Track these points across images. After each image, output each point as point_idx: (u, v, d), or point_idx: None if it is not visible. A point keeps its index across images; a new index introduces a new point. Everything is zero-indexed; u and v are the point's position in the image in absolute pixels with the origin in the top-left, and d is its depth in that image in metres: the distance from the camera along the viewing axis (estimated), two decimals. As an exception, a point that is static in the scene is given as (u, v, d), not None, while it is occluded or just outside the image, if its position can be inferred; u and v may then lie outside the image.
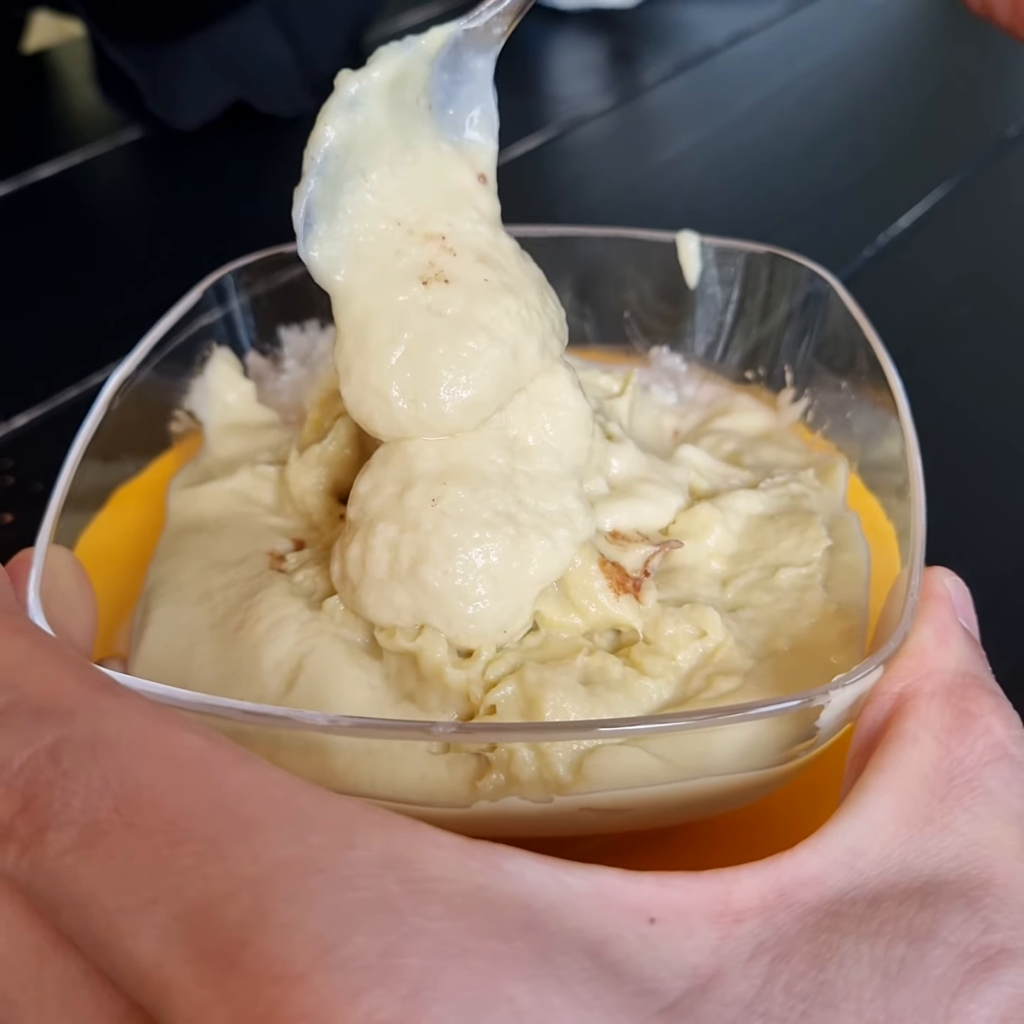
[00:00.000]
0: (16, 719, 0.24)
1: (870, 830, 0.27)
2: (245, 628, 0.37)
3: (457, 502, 0.35)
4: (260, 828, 0.22)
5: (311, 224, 0.37)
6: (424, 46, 0.37)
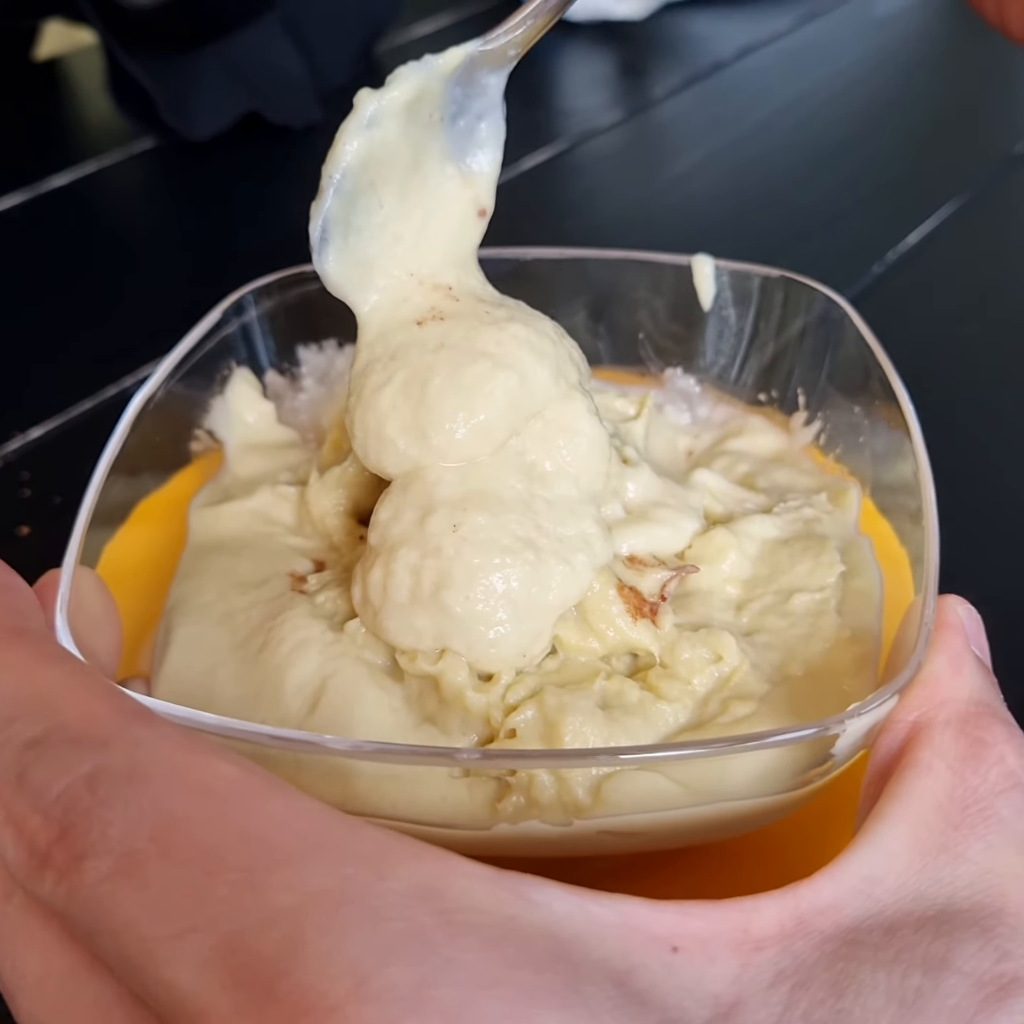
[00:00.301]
0: (53, 748, 0.25)
1: (886, 859, 0.27)
2: (267, 650, 0.38)
3: (478, 528, 0.36)
4: (295, 858, 0.23)
5: (327, 239, 0.38)
6: (442, 65, 0.38)
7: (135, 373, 0.68)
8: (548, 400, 0.38)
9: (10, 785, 0.24)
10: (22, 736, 0.25)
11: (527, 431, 0.38)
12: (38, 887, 0.24)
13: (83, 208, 0.87)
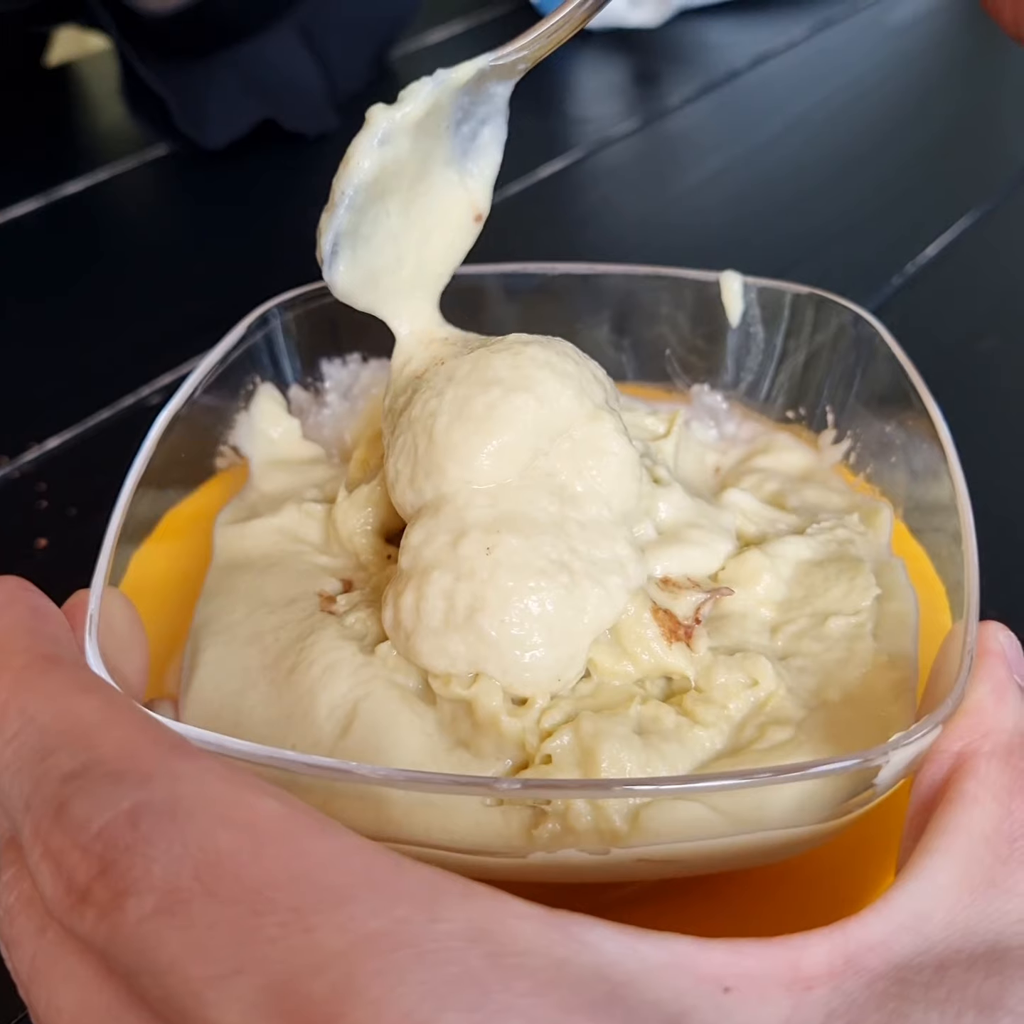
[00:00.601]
0: (93, 782, 0.24)
1: (934, 894, 0.27)
2: (298, 672, 0.37)
3: (512, 551, 0.35)
4: (345, 899, 0.22)
5: (336, 251, 0.39)
6: (454, 79, 0.39)
7: (152, 383, 0.67)
8: (574, 420, 0.38)
9: (48, 818, 0.24)
10: (61, 769, 0.25)
11: (556, 452, 0.38)
12: (77, 923, 0.23)
13: (97, 216, 0.87)
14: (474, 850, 0.33)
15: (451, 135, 0.40)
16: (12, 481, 0.60)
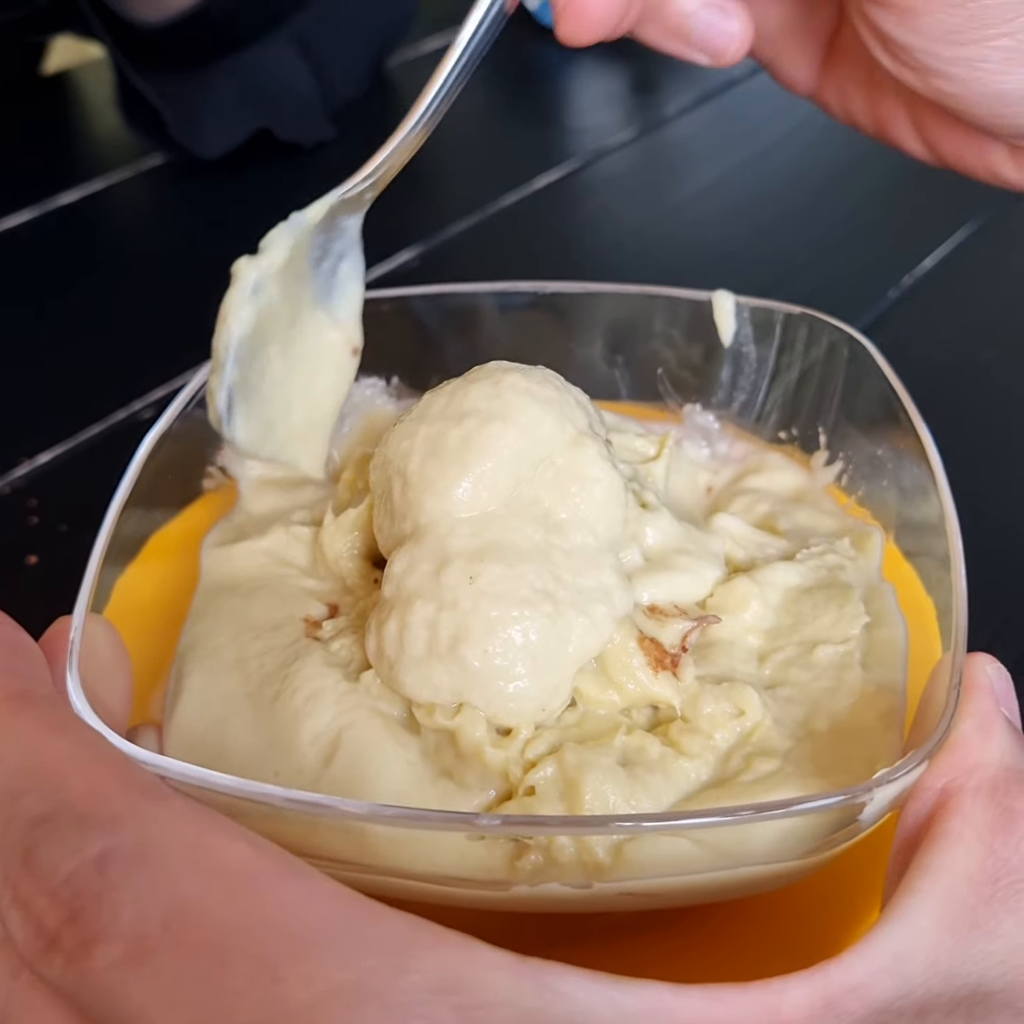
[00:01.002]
0: (61, 826, 0.24)
1: (916, 936, 0.27)
2: (282, 699, 0.37)
3: (495, 579, 0.35)
4: (312, 948, 0.22)
5: (232, 407, 0.40)
6: (309, 219, 0.40)
7: (144, 397, 0.67)
8: (556, 447, 0.38)
9: (17, 863, 0.24)
10: (29, 812, 0.24)
11: (539, 479, 0.38)
12: (46, 969, 0.23)
13: (91, 226, 0.86)
14: (457, 881, 0.33)
15: (313, 275, 0.41)
16: (2, 497, 0.60)
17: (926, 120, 0.48)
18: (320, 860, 0.32)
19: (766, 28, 0.49)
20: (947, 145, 0.48)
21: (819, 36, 0.50)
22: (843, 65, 0.50)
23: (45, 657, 0.33)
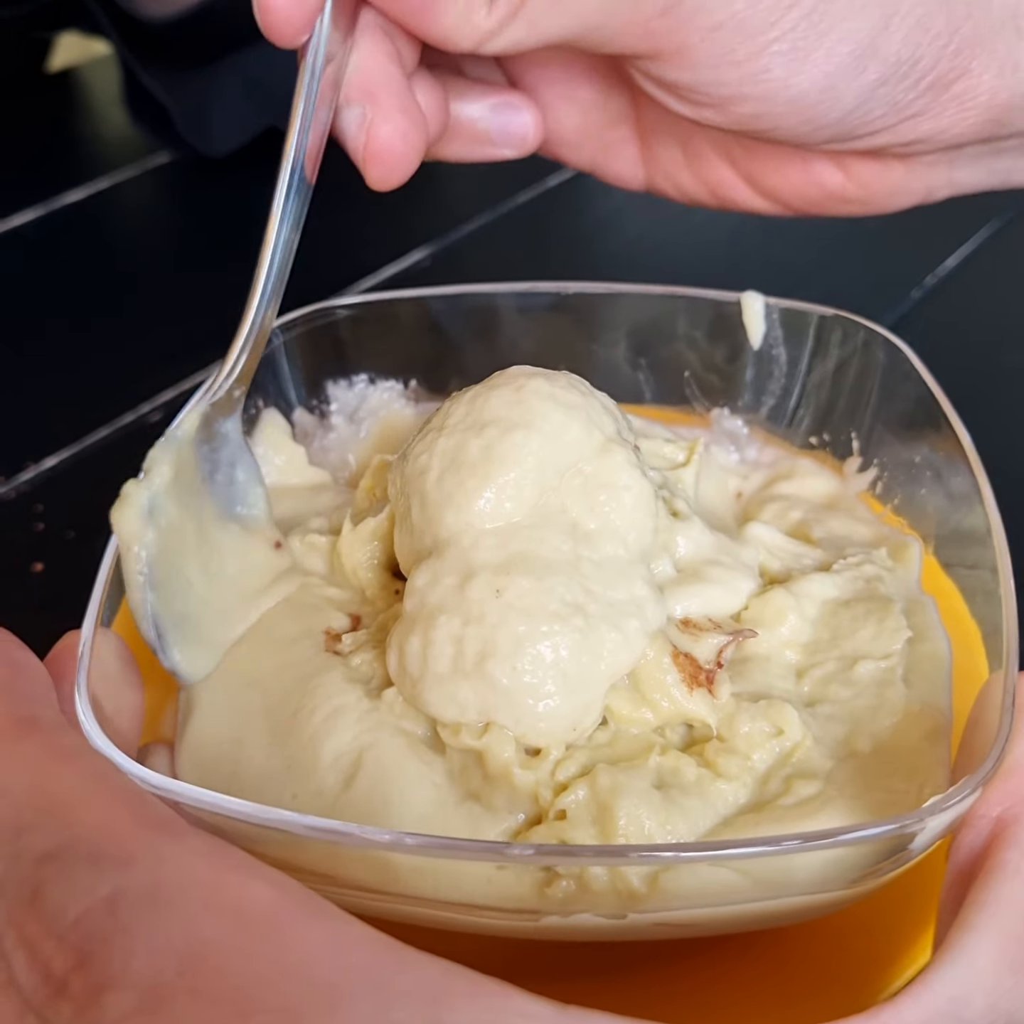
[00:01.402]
0: (70, 865, 0.23)
1: (974, 977, 0.25)
2: (300, 717, 0.35)
3: (523, 593, 0.34)
4: (339, 1000, 0.21)
5: (163, 635, 0.37)
6: (186, 432, 0.38)
7: (152, 399, 0.66)
8: (583, 454, 0.37)
9: (23, 903, 0.22)
10: (36, 849, 0.23)
11: (566, 488, 0.36)
12: (53, 1016, 0.22)
13: (97, 225, 0.85)
14: (485, 906, 0.32)
15: (210, 489, 0.39)
16: (8, 502, 0.59)
17: (751, 166, 0.48)
18: (340, 887, 0.31)
19: (571, 130, 0.50)
20: (780, 182, 0.48)
21: (624, 123, 0.50)
22: (657, 145, 0.50)
23: (53, 674, 0.31)
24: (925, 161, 0.46)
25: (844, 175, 0.47)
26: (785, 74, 0.40)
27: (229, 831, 0.29)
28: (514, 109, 0.47)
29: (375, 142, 0.41)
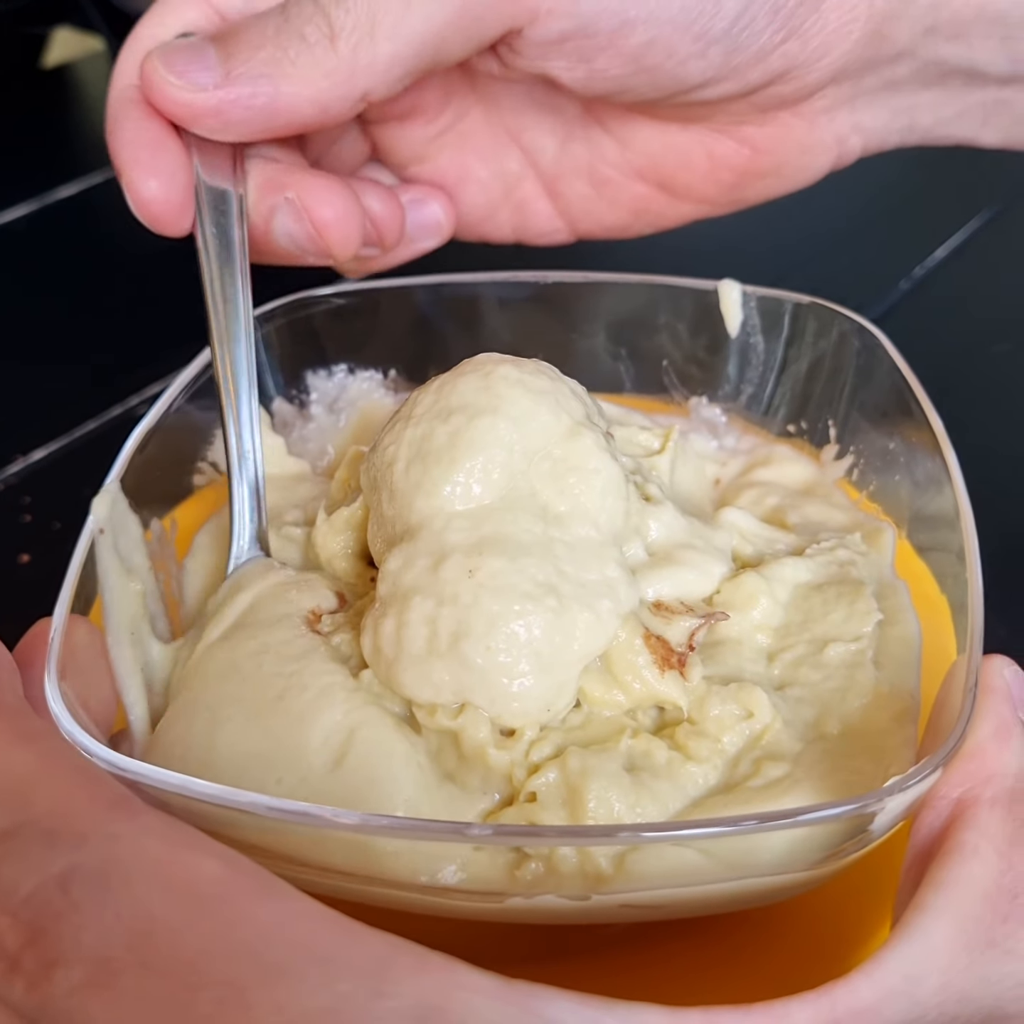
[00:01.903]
0: (24, 843, 0.23)
1: (928, 956, 0.25)
2: (288, 698, 0.35)
3: (495, 572, 0.34)
4: (285, 973, 0.21)
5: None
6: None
7: (141, 392, 0.66)
8: (551, 438, 0.37)
9: None
10: None
11: (535, 471, 0.36)
12: (7, 992, 0.22)
13: (90, 220, 0.85)
14: (451, 892, 0.32)
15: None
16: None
17: (657, 170, 0.49)
18: (307, 868, 0.31)
19: (481, 207, 0.51)
20: (690, 176, 0.49)
21: (525, 178, 0.51)
22: (563, 188, 0.51)
23: (23, 659, 0.32)
24: (822, 107, 0.46)
25: (749, 148, 0.47)
26: (618, 8, 0.40)
27: (198, 816, 0.29)
28: (421, 202, 0.49)
29: (318, 221, 0.43)
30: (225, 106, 0.39)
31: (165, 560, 0.42)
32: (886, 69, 0.45)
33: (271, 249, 0.44)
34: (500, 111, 0.50)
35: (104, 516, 0.38)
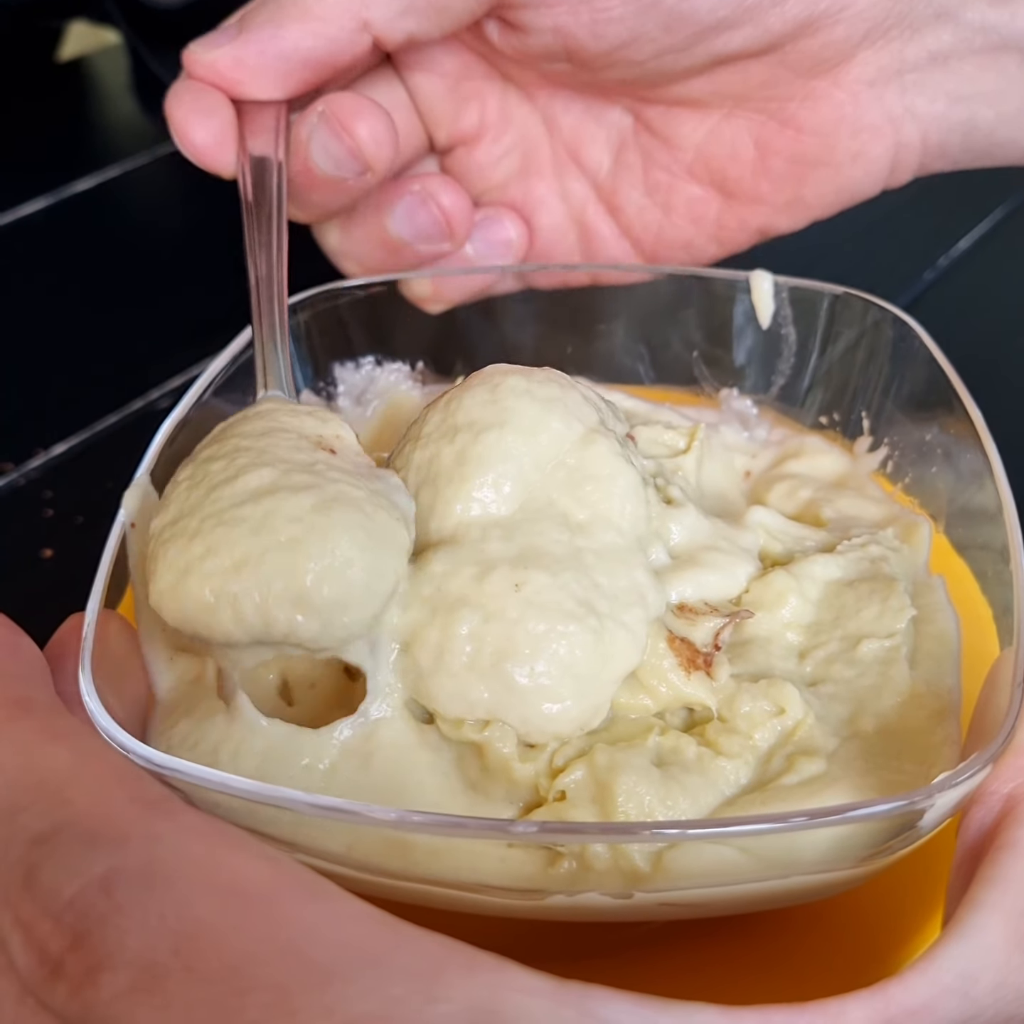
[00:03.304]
0: (64, 845, 0.22)
1: (983, 953, 0.25)
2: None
3: (540, 589, 0.33)
4: (334, 976, 0.21)
5: None
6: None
7: (162, 386, 0.66)
8: (563, 446, 0.36)
9: (17, 885, 0.22)
10: (30, 830, 0.23)
11: (551, 481, 0.36)
12: (50, 997, 0.22)
13: (107, 214, 0.85)
14: (490, 890, 0.31)
15: None
16: (17, 489, 0.59)
17: (709, 163, 0.49)
18: (346, 867, 0.31)
19: (551, 229, 0.52)
20: (740, 170, 0.48)
21: (588, 202, 0.52)
22: (623, 203, 0.51)
23: (56, 655, 0.31)
24: (867, 78, 0.45)
25: (793, 129, 0.47)
26: None
27: (234, 811, 0.29)
28: (491, 219, 0.50)
29: (350, 127, 0.44)
30: (241, 56, 0.43)
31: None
32: (928, 34, 0.44)
33: (313, 179, 0.46)
34: (559, 130, 0.50)
35: (135, 509, 0.38)
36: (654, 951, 0.34)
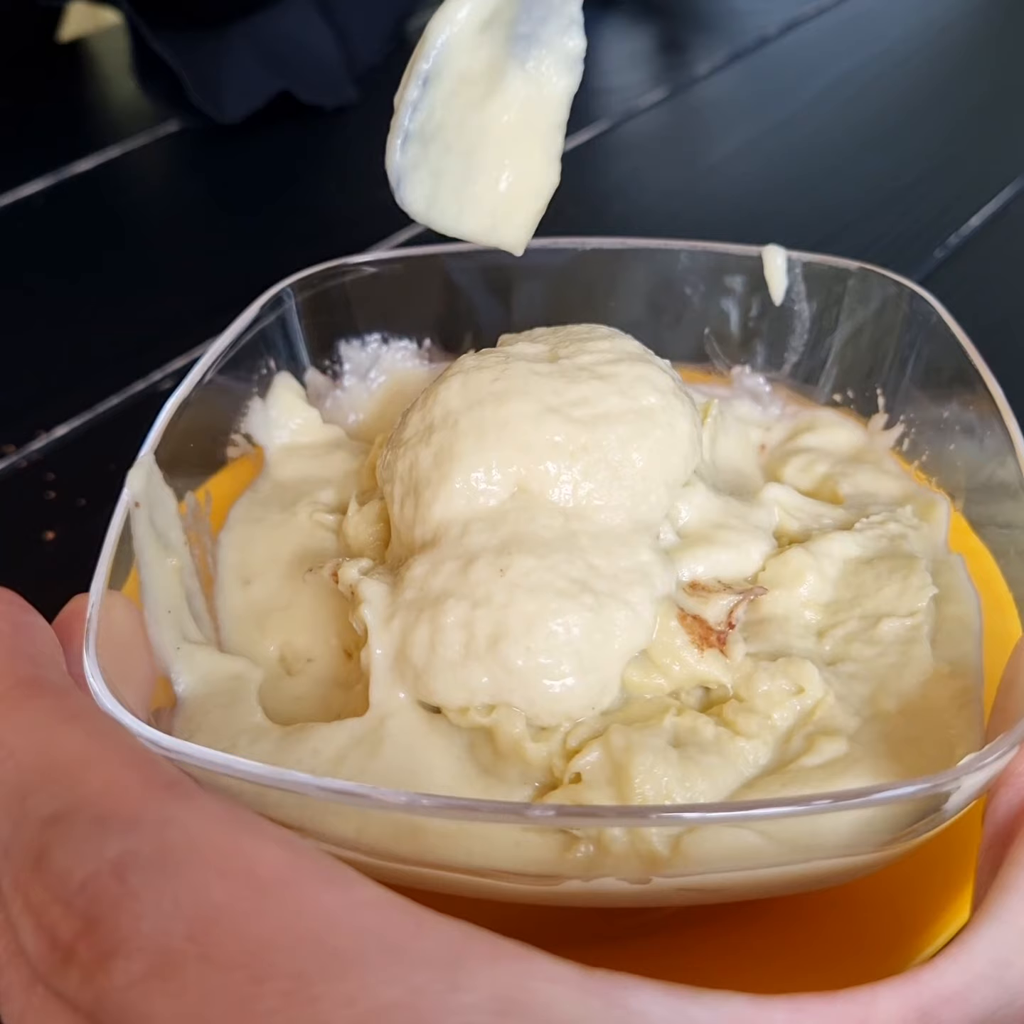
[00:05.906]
0: (75, 827, 0.22)
1: (1016, 938, 0.24)
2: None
3: (527, 571, 0.33)
4: (354, 964, 0.20)
5: (412, 159, 0.36)
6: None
7: (164, 367, 0.65)
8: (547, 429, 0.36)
9: (28, 868, 0.22)
10: (41, 811, 0.22)
11: (542, 466, 0.35)
12: (61, 984, 0.21)
13: (108, 194, 0.84)
14: (505, 875, 0.31)
15: (513, 36, 0.37)
16: (19, 471, 0.58)
17: None
18: (359, 851, 0.30)
19: None
20: None
21: None
22: None
23: (60, 637, 0.31)
24: None
25: None
26: None
27: (244, 795, 0.28)
28: None
29: None
30: None
31: (200, 534, 0.41)
32: None
33: None
34: None
35: (140, 489, 0.37)
36: (671, 936, 0.34)
